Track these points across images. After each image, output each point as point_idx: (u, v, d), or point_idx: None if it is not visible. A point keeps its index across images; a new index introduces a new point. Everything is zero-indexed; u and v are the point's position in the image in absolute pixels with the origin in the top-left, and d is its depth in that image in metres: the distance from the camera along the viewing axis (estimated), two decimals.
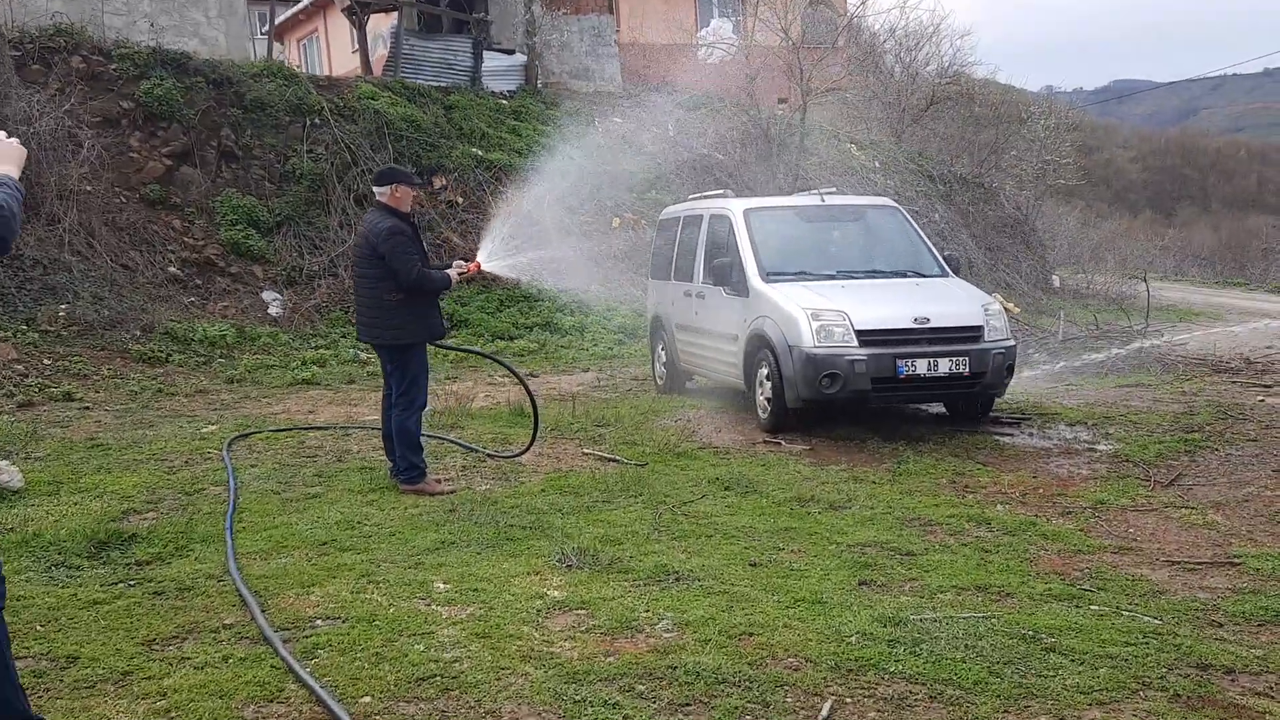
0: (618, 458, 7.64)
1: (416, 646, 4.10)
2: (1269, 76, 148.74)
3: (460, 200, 17.52)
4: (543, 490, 6.75)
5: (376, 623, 4.34)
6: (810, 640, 4.31)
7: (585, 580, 4.99)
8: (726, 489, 6.82)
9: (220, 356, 12.36)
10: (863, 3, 27.22)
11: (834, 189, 10.50)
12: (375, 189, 6.50)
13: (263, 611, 4.42)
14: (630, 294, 16.28)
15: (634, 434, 8.45)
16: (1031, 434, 8.40)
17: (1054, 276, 25.49)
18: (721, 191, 10.63)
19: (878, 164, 24.75)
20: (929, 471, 7.33)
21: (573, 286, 13.64)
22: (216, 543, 5.42)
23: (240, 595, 4.64)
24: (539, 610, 4.57)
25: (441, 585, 4.88)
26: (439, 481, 6.78)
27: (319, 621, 4.38)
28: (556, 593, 4.81)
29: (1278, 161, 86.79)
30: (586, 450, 7.96)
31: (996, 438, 8.29)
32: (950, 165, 26.43)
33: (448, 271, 6.59)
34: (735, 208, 9.45)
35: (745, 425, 8.89)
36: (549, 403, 9.96)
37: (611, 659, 4.06)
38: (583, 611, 4.58)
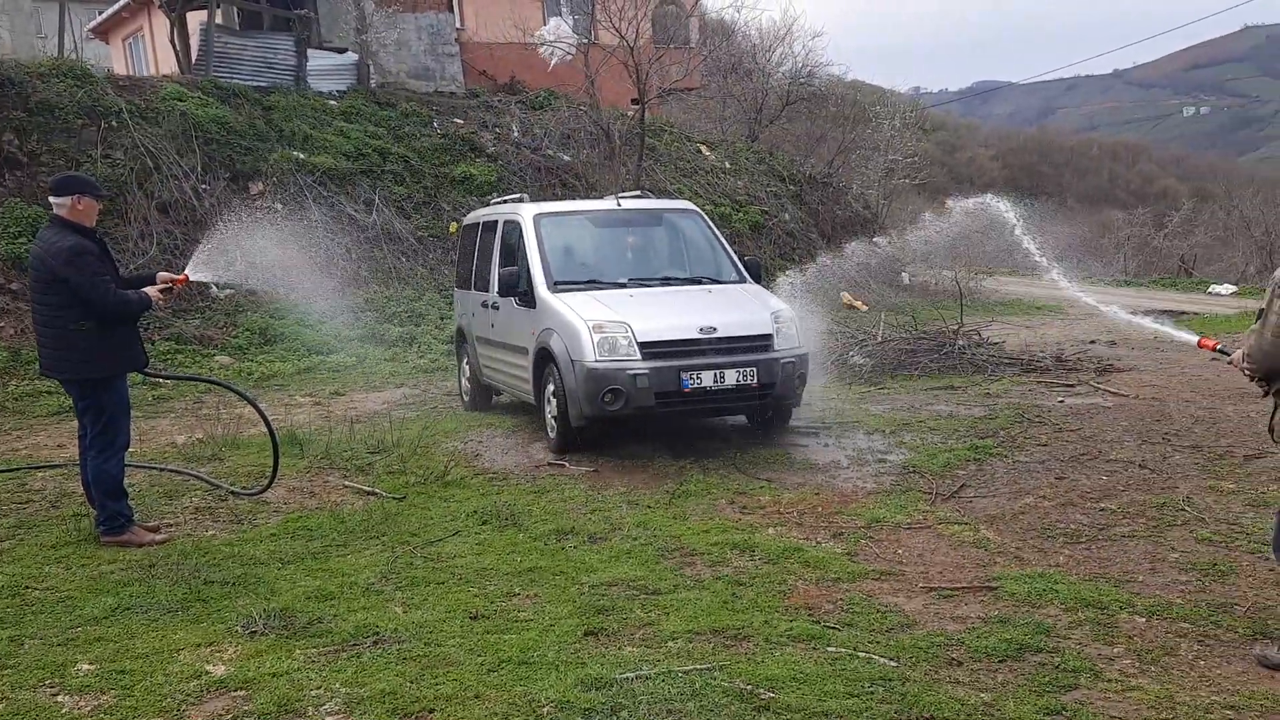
0: (376, 490, 6.99)
1: None
2: (1118, 77, 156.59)
3: (280, 207, 16.52)
4: (273, 534, 6.06)
5: None
6: (496, 716, 3.78)
7: (265, 650, 4.36)
8: (484, 523, 6.26)
9: None
10: (697, 2, 26.95)
11: (638, 192, 10.04)
12: (52, 200, 5.68)
13: None
14: None
15: (409, 460, 7.81)
16: (827, 444, 8.07)
17: (904, 274, 25.71)
18: (518, 196, 10.07)
19: (728, 164, 24.58)
20: (710, 491, 6.91)
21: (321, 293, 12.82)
22: None
23: None
24: (188, 695, 3.92)
25: (86, 667, 4.18)
26: (155, 529, 6.03)
27: None
28: (222, 669, 4.16)
29: (1127, 158, 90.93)
30: (347, 482, 7.29)
31: (790, 450, 7.93)
32: (801, 165, 26.44)
33: (146, 291, 5.83)
34: (525, 213, 8.90)
35: (535, 446, 8.35)
36: (335, 425, 9.25)
37: None
38: (241, 693, 3.95)
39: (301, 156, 17.36)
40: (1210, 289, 26.23)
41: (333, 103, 19.59)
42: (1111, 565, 5.34)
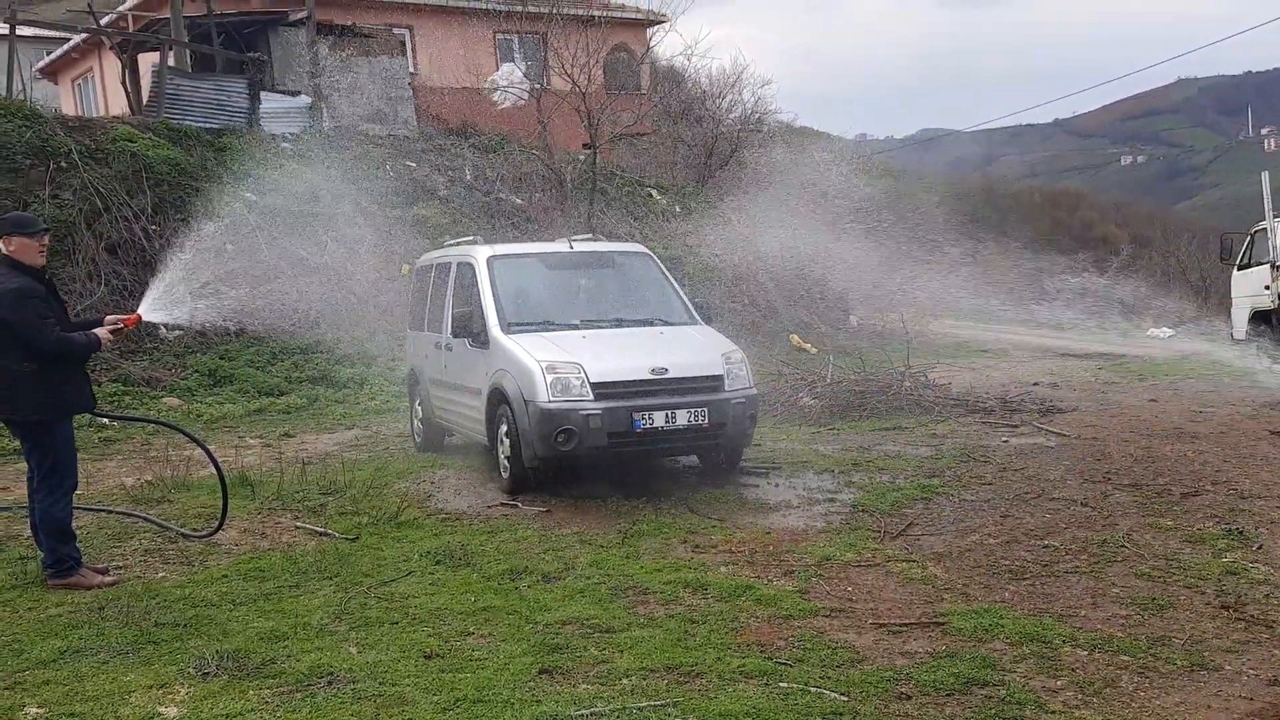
0: (329, 531, 6.96)
1: None
2: (1058, 126, 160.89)
3: (230, 246, 16.41)
4: (225, 576, 6.02)
5: None
6: None
7: (218, 691, 4.33)
8: (438, 563, 6.26)
9: None
10: (648, 49, 27.45)
11: (590, 235, 10.16)
12: None
13: None
14: None
15: (362, 501, 7.79)
16: (778, 484, 8.18)
17: (852, 316, 26.09)
18: (472, 238, 10.15)
19: (678, 208, 24.89)
20: (663, 531, 6.97)
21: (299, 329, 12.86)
22: None
23: None
24: None
25: (34, 710, 4.13)
26: (104, 572, 5.95)
27: None
28: (174, 711, 4.14)
29: (1068, 205, 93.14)
30: (299, 523, 7.25)
31: (741, 490, 8.03)
32: (751, 209, 26.81)
33: (95, 332, 5.80)
34: (479, 255, 8.97)
35: (488, 487, 8.37)
36: (286, 467, 9.17)
37: None
38: None
39: (253, 198, 17.31)
40: (1149, 332, 26.92)
41: (285, 145, 19.59)
42: (1055, 600, 5.48)
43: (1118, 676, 4.48)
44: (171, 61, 19.59)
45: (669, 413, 7.65)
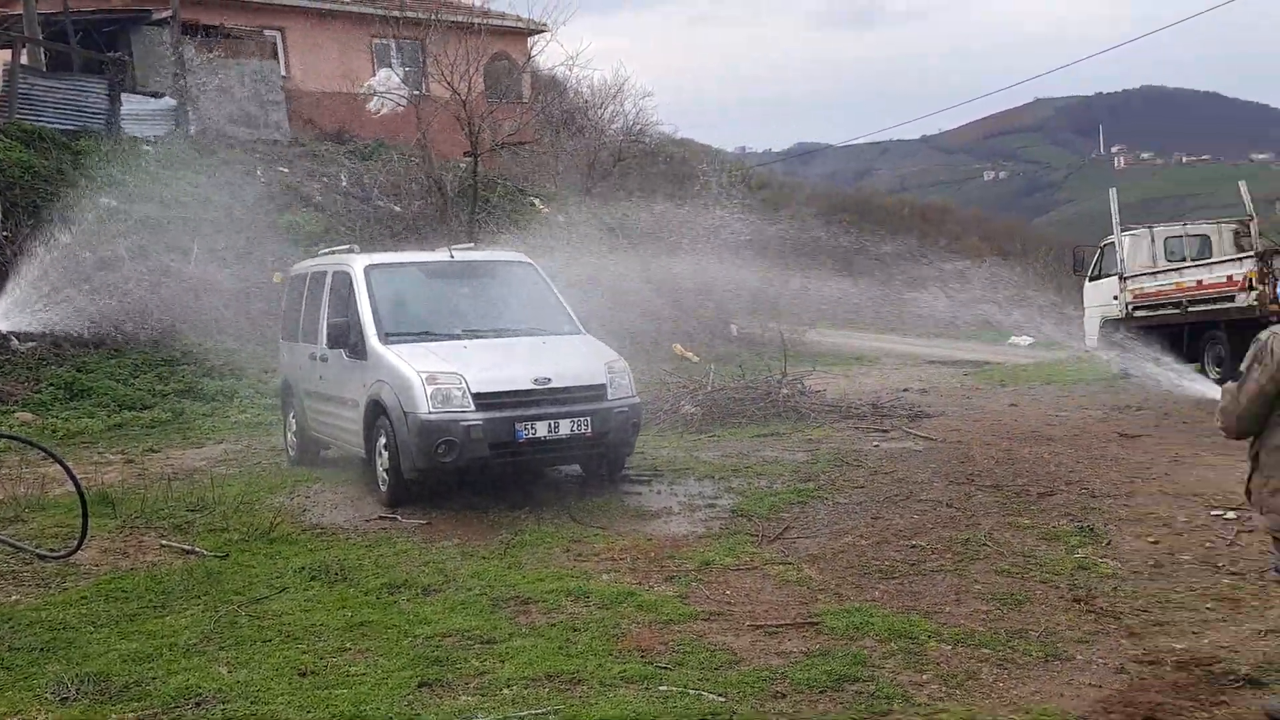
0: (197, 549, 6.74)
1: None
2: (925, 142, 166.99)
3: (88, 254, 15.70)
4: (84, 597, 5.77)
5: None
6: None
7: (78, 716, 4.17)
8: (313, 579, 6.13)
9: None
10: (529, 59, 27.47)
11: (471, 244, 10.10)
12: None
13: None
14: None
15: (232, 518, 7.55)
16: (659, 491, 8.27)
17: (732, 326, 26.54)
18: (348, 247, 9.97)
19: (561, 217, 24.89)
20: (545, 541, 6.97)
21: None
22: None
23: None
24: None
25: None
26: None
27: None
28: None
29: (936, 219, 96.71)
30: (165, 541, 6.99)
31: (624, 498, 8.09)
32: (634, 219, 27.05)
33: None
34: (356, 264, 8.82)
35: (366, 500, 8.22)
36: (150, 483, 8.85)
37: None
38: None
39: (113, 203, 16.59)
40: (1010, 340, 28.16)
41: (148, 148, 18.87)
42: (922, 598, 5.70)
43: (979, 669, 4.69)
44: (25, 60, 18.66)
45: (552, 422, 7.66)
